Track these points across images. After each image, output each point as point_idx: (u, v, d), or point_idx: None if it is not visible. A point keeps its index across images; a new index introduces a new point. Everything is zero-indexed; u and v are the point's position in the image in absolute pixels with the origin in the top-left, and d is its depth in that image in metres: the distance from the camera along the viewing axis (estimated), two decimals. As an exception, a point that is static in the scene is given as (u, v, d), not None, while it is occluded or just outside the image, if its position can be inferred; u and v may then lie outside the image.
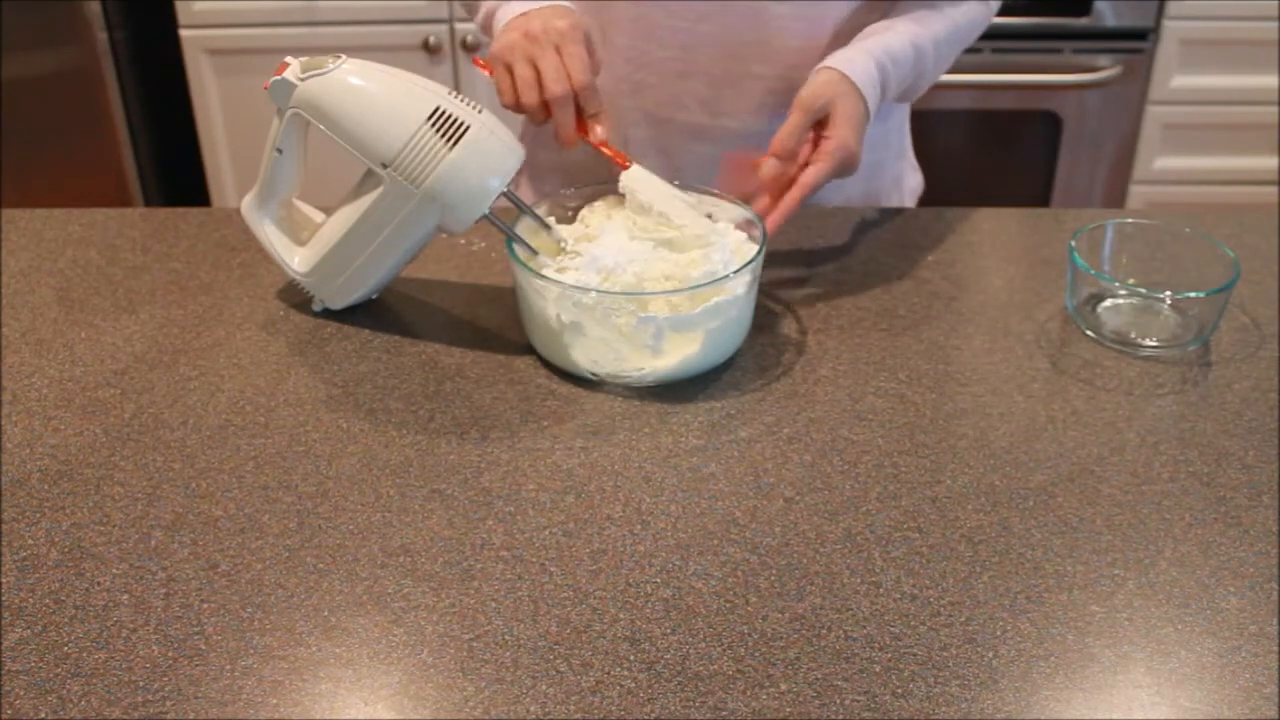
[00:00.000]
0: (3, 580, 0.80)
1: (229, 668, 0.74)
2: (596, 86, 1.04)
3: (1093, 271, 1.07)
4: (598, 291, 0.96)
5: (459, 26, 2.32)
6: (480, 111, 0.98)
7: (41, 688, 0.73)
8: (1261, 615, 0.78)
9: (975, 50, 2.32)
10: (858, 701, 0.72)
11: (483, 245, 1.19)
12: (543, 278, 0.97)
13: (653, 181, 1.04)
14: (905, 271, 1.16)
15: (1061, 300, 1.11)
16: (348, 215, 1.03)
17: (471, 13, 1.20)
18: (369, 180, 1.02)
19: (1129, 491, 0.89)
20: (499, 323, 1.08)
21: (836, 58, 1.10)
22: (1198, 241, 1.08)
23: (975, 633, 0.77)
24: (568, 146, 1.05)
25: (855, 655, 0.75)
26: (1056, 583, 0.81)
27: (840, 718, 0.71)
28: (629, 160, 1.05)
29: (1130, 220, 1.12)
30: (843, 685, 0.73)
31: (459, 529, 0.85)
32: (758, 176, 1.05)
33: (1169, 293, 1.07)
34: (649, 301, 0.96)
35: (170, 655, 0.75)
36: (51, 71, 2.27)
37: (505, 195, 1.01)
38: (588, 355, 0.98)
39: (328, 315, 1.08)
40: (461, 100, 0.98)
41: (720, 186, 1.08)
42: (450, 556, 0.82)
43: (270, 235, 1.08)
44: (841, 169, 1.07)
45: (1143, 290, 1.09)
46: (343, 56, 1.00)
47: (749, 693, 0.73)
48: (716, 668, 0.74)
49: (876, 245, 1.20)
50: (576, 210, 1.08)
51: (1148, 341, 1.05)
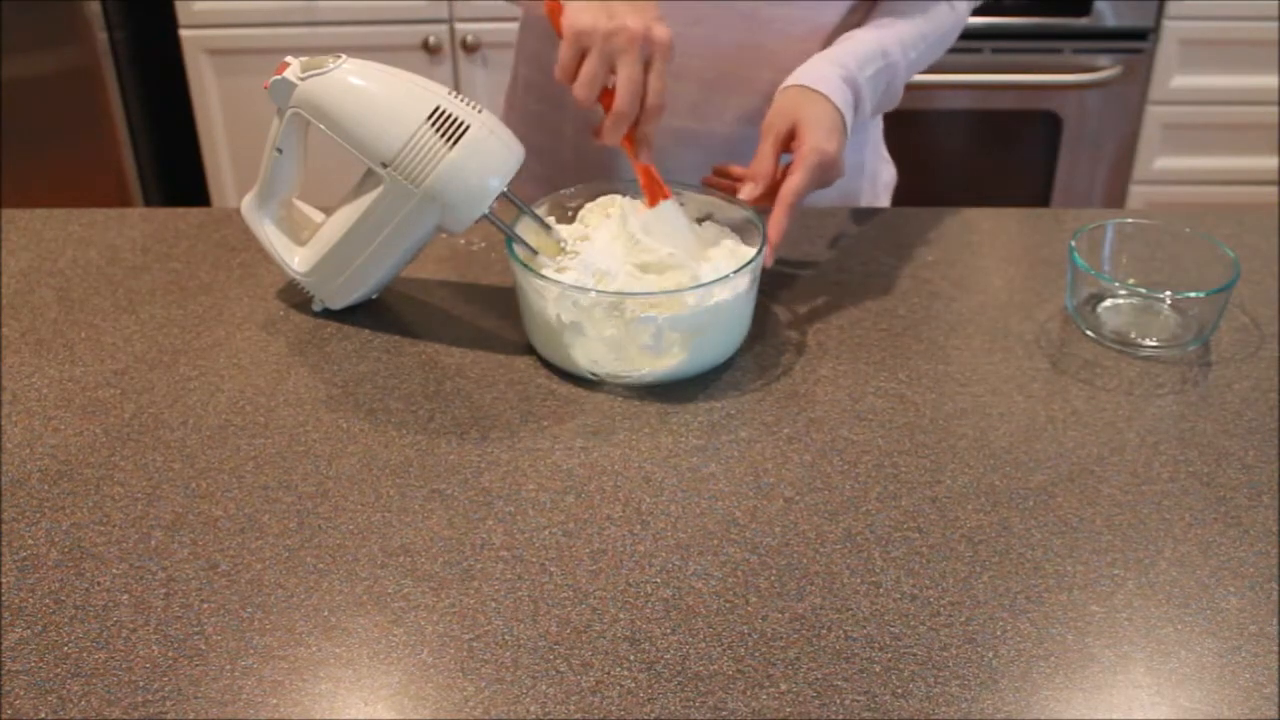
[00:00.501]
0: (3, 580, 0.80)
1: (229, 668, 0.74)
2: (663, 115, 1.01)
3: (1093, 271, 1.07)
4: (598, 291, 0.96)
5: (459, 26, 2.33)
6: (480, 111, 0.98)
7: (41, 688, 0.73)
8: (1261, 615, 0.78)
9: (975, 50, 2.35)
10: (858, 701, 0.72)
11: (483, 245, 1.19)
12: (543, 278, 0.97)
13: (677, 219, 1.03)
14: (905, 271, 1.16)
15: (1061, 300, 1.11)
16: (348, 215, 1.03)
17: None
18: (369, 180, 1.02)
19: (1129, 491, 0.89)
20: (499, 323, 1.08)
21: (796, 74, 1.10)
22: (1198, 241, 1.08)
23: (975, 633, 0.77)
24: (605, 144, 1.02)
25: (855, 655, 0.75)
26: (1056, 583, 0.81)
27: (840, 718, 0.71)
28: (670, 190, 1.04)
29: (1130, 220, 1.12)
30: (843, 685, 0.73)
31: (459, 529, 0.85)
32: (738, 199, 1.05)
33: (1169, 293, 1.07)
34: (649, 302, 0.96)
35: (170, 655, 0.75)
36: (51, 71, 2.27)
37: (505, 195, 1.01)
38: (588, 355, 0.98)
39: (328, 315, 1.08)
40: (461, 100, 0.98)
41: None
42: (450, 556, 0.82)
43: (270, 235, 1.08)
44: (821, 173, 1.05)
45: (1143, 290, 1.09)
46: (343, 56, 1.00)
47: (749, 693, 0.73)
48: (716, 668, 0.74)
49: (876, 245, 1.20)
50: (576, 210, 1.08)
51: (1148, 341, 1.05)
